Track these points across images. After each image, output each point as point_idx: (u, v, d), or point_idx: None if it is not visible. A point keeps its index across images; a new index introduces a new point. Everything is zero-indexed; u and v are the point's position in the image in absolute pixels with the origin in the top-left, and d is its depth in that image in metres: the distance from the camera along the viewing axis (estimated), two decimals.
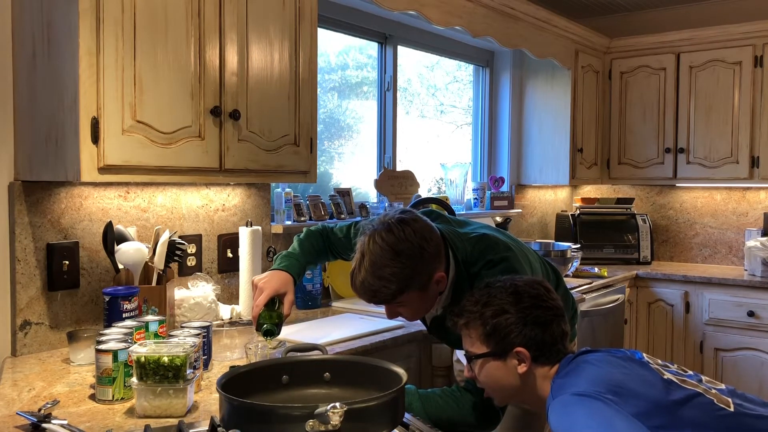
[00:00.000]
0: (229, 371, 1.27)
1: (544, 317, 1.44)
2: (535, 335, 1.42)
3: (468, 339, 1.49)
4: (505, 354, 1.43)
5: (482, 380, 1.49)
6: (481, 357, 1.46)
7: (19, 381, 1.67)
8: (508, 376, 1.45)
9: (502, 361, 1.44)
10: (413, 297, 1.61)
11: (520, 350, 1.42)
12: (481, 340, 1.45)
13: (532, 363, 1.43)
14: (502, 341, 1.43)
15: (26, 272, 1.92)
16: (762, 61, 3.83)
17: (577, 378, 1.34)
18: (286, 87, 2.17)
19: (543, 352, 1.43)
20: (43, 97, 1.79)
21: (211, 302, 2.17)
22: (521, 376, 1.43)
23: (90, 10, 1.65)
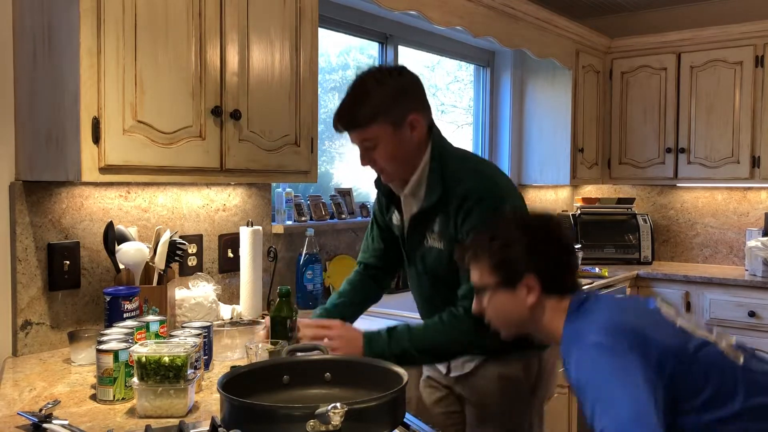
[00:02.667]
0: (229, 371, 1.27)
1: (554, 249, 1.43)
2: (545, 265, 1.41)
3: (476, 271, 1.48)
4: (514, 284, 1.42)
5: (490, 312, 1.47)
6: (490, 288, 1.44)
7: (19, 381, 1.67)
8: (517, 307, 1.43)
9: (511, 292, 1.42)
10: (386, 133, 1.65)
11: (530, 279, 1.40)
12: (490, 270, 1.44)
13: (541, 293, 1.41)
14: (511, 270, 1.42)
15: (27, 272, 1.92)
16: (763, 61, 3.83)
17: (593, 324, 1.32)
18: (287, 87, 2.17)
19: (553, 282, 1.41)
20: (44, 97, 1.79)
21: (212, 302, 2.17)
22: (530, 307, 1.42)
23: (91, 10, 1.65)
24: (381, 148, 1.67)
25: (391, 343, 1.66)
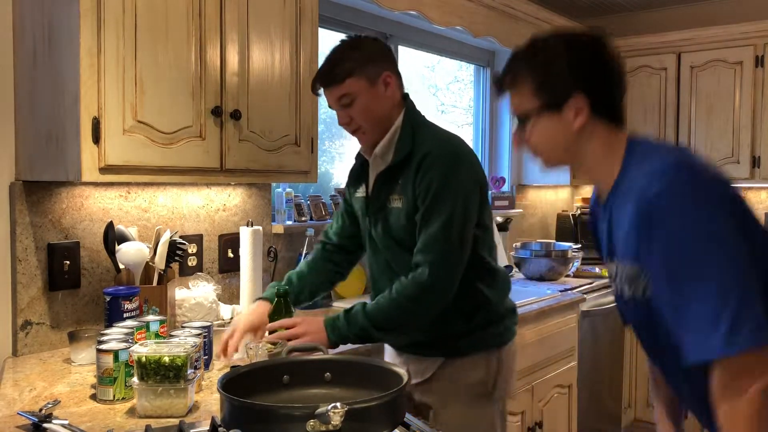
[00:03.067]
0: (229, 371, 1.27)
1: (604, 66, 1.27)
2: (594, 84, 1.25)
3: (517, 97, 1.30)
4: (560, 104, 1.25)
5: (534, 141, 1.30)
6: (533, 114, 1.27)
7: (20, 381, 1.67)
8: (563, 132, 1.27)
9: (557, 114, 1.26)
10: (362, 88, 1.72)
11: (578, 97, 1.24)
12: (532, 92, 1.27)
13: (591, 115, 1.25)
14: (557, 90, 1.25)
15: (27, 272, 1.92)
16: (763, 61, 3.83)
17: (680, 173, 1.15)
18: (287, 87, 2.17)
19: (604, 104, 1.26)
20: (44, 97, 1.79)
21: (212, 302, 2.17)
22: (579, 130, 1.26)
23: (91, 10, 1.65)
24: (357, 103, 1.73)
25: (350, 324, 1.68)
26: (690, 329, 1.07)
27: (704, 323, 1.05)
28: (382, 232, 1.80)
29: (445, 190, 1.69)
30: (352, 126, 1.77)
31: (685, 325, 1.08)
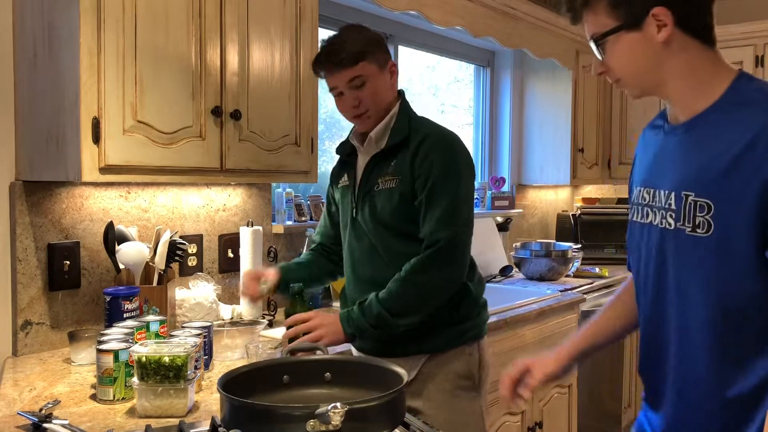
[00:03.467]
0: (229, 371, 1.26)
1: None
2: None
3: (592, 18, 1.21)
4: (640, 20, 1.14)
5: (616, 64, 1.20)
6: (612, 32, 1.17)
7: (20, 381, 1.67)
8: (647, 49, 1.16)
9: (638, 32, 1.15)
10: (373, 72, 1.75)
11: (659, 10, 1.13)
12: (608, 12, 1.17)
13: (675, 27, 1.14)
14: (635, 5, 1.14)
15: (27, 272, 1.92)
16: (763, 61, 3.83)
17: None
18: (287, 87, 2.17)
19: (688, 15, 1.14)
20: (44, 97, 1.79)
21: (212, 302, 2.17)
22: (664, 45, 1.15)
23: (91, 10, 1.65)
24: (369, 86, 1.75)
25: (365, 314, 1.67)
26: None
27: None
28: (369, 215, 1.79)
29: (451, 170, 1.72)
30: (360, 109, 1.78)
31: None
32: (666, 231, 1.17)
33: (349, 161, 1.92)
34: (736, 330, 1.12)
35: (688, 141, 1.17)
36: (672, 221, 1.16)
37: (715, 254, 1.10)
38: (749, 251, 1.07)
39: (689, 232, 1.12)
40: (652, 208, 1.21)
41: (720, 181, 1.08)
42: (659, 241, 1.20)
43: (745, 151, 1.06)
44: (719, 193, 1.08)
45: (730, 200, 1.07)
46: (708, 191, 1.10)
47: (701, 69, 1.16)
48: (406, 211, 1.74)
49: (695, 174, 1.12)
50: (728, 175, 1.07)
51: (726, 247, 1.09)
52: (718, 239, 1.09)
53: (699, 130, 1.16)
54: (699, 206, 1.10)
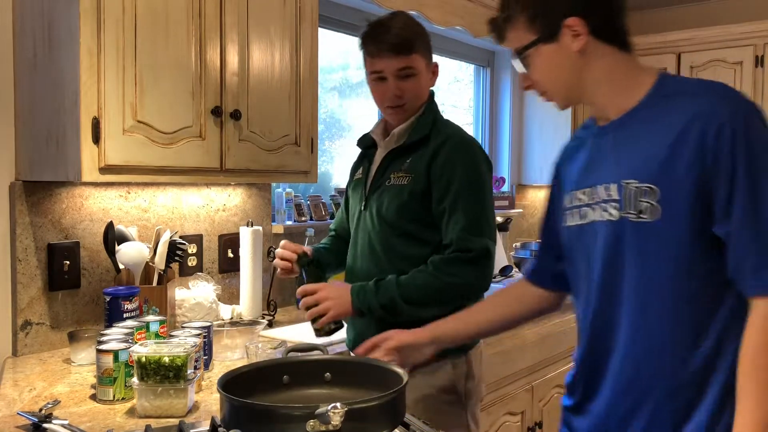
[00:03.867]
0: (229, 371, 1.26)
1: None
2: (588, 3, 1.21)
3: (514, 35, 1.27)
4: (556, 32, 1.21)
5: (539, 76, 1.27)
6: (531, 46, 1.24)
7: (19, 381, 1.67)
8: (565, 58, 1.22)
9: (555, 43, 1.22)
10: (422, 67, 1.75)
11: (572, 21, 1.19)
12: (527, 26, 1.24)
13: (590, 35, 1.20)
14: (550, 18, 1.21)
15: (27, 272, 1.92)
16: (763, 61, 3.83)
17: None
18: (287, 87, 2.17)
19: (602, 23, 1.21)
20: (44, 98, 1.79)
21: (212, 302, 2.17)
22: (580, 53, 1.21)
23: (91, 10, 1.65)
24: (415, 79, 1.75)
25: (379, 293, 1.66)
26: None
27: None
28: (376, 211, 1.77)
29: (477, 177, 1.71)
30: (401, 100, 1.76)
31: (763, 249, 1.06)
32: (610, 223, 1.18)
33: (368, 154, 1.91)
34: (685, 310, 1.15)
35: (623, 136, 1.21)
36: (615, 211, 1.17)
37: (663, 238, 1.13)
38: (695, 231, 1.11)
39: (634, 219, 1.14)
40: (592, 206, 1.22)
41: (662, 166, 1.12)
42: (604, 235, 1.20)
43: (682, 137, 1.11)
44: (662, 177, 1.12)
45: (673, 184, 1.11)
46: (651, 177, 1.13)
47: (621, 73, 1.24)
48: (412, 211, 1.71)
49: (636, 163, 1.16)
50: (669, 160, 1.12)
51: (673, 230, 1.12)
52: (665, 222, 1.12)
53: (632, 124, 1.20)
54: (643, 191, 1.13)
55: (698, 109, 1.11)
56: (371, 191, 1.81)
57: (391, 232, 1.75)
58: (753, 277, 1.08)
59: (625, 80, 1.23)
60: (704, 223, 1.11)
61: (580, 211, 1.25)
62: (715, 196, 1.09)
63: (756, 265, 1.08)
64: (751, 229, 1.08)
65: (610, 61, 1.23)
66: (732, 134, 1.08)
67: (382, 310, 1.66)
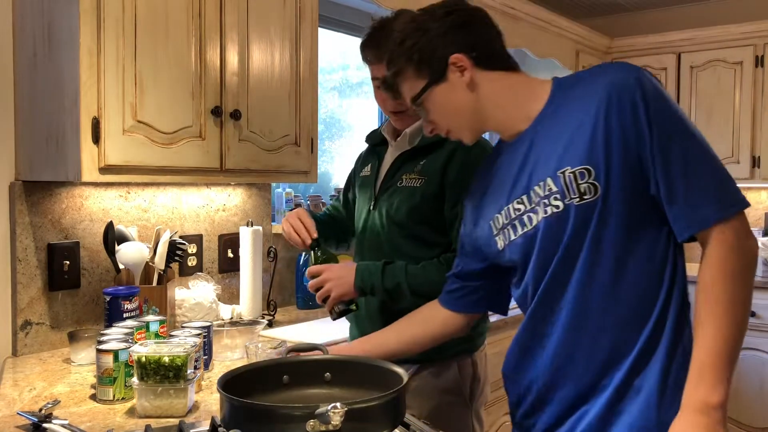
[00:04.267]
0: (229, 371, 1.26)
1: (464, 18, 1.31)
2: (464, 39, 1.29)
3: (407, 85, 1.35)
4: (443, 72, 1.29)
5: (439, 118, 1.34)
6: (424, 90, 1.31)
7: (19, 381, 1.67)
8: (459, 96, 1.30)
9: (445, 83, 1.30)
10: None
11: (455, 58, 1.28)
12: (416, 75, 1.32)
13: (474, 68, 1.28)
14: (433, 61, 1.29)
15: (27, 272, 1.92)
16: (763, 61, 3.83)
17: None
18: (287, 87, 2.17)
19: (481, 52, 1.29)
20: (44, 97, 1.79)
21: (212, 302, 2.17)
22: (471, 87, 1.29)
23: (91, 10, 1.65)
24: None
25: (385, 277, 1.65)
26: (703, 197, 1.13)
27: (715, 190, 1.14)
28: (386, 212, 1.75)
29: None
30: (404, 106, 1.68)
31: (695, 194, 1.13)
32: (556, 215, 1.21)
33: (377, 151, 1.88)
34: (637, 279, 1.20)
35: (540, 136, 1.26)
36: (559, 202, 1.20)
37: (609, 211, 1.17)
38: (636, 197, 1.17)
39: (578, 203, 1.18)
40: (535, 209, 1.24)
41: (588, 146, 1.17)
42: (554, 228, 1.22)
43: (597, 114, 1.18)
44: (592, 156, 1.17)
45: (604, 159, 1.16)
46: (582, 159, 1.18)
47: (516, 90, 1.30)
48: (423, 213, 1.69)
49: (563, 152, 1.20)
50: (593, 139, 1.17)
51: (617, 201, 1.17)
52: (608, 196, 1.17)
53: (545, 124, 1.26)
54: (579, 174, 1.18)
55: (604, 89, 1.18)
56: (381, 191, 1.79)
57: (399, 233, 1.73)
58: (692, 217, 1.14)
59: (523, 95, 1.30)
60: (643, 186, 1.17)
61: (521, 220, 1.27)
62: (643, 158, 1.16)
63: (694, 204, 1.14)
64: (680, 176, 1.14)
65: (501, 84, 1.30)
66: (642, 97, 1.15)
67: (385, 294, 1.65)
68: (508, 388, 1.39)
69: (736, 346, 1.12)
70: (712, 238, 1.13)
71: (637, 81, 1.17)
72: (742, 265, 1.13)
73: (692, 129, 1.17)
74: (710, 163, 1.16)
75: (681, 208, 1.15)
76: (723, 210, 1.13)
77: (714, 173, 1.15)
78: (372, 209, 1.80)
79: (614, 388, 1.20)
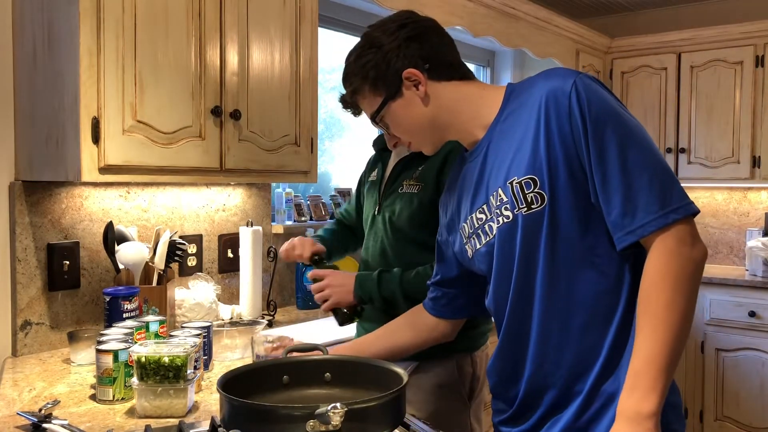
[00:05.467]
0: (229, 371, 1.26)
1: (416, 30, 1.32)
2: (415, 53, 1.29)
3: (365, 104, 1.37)
4: (398, 87, 1.30)
5: (400, 131, 1.36)
6: (381, 108, 1.32)
7: (19, 381, 1.67)
8: (416, 109, 1.31)
9: (401, 98, 1.31)
10: None
11: (408, 73, 1.28)
12: (373, 92, 1.33)
13: (428, 81, 1.29)
14: (387, 77, 1.30)
15: (27, 272, 1.92)
16: (763, 60, 3.83)
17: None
18: (287, 87, 2.17)
19: (434, 65, 1.30)
20: (44, 97, 1.79)
21: (212, 302, 2.17)
22: (427, 100, 1.30)
23: (90, 10, 1.65)
24: None
25: (381, 286, 1.69)
26: (641, 205, 1.11)
27: (655, 196, 1.10)
28: (388, 217, 1.78)
29: None
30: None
31: (632, 202, 1.11)
32: (506, 224, 1.21)
33: (382, 156, 1.91)
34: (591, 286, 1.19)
35: (493, 146, 1.26)
36: (509, 212, 1.21)
37: (556, 220, 1.17)
38: (580, 205, 1.16)
39: (526, 212, 1.18)
40: (492, 219, 1.25)
41: (532, 156, 1.17)
42: (506, 237, 1.22)
43: (538, 124, 1.17)
44: (536, 165, 1.17)
45: (547, 169, 1.16)
46: (527, 169, 1.18)
47: (471, 98, 1.31)
48: (423, 220, 1.71)
49: (511, 163, 1.21)
50: (535, 149, 1.17)
51: (562, 210, 1.17)
52: (553, 204, 1.16)
53: (498, 133, 1.26)
54: (525, 184, 1.18)
55: (542, 96, 1.18)
56: (384, 197, 1.82)
57: (402, 238, 1.76)
58: (629, 227, 1.12)
59: (478, 102, 1.30)
60: (586, 193, 1.16)
61: (483, 229, 1.27)
62: (584, 166, 1.15)
63: (631, 213, 1.11)
64: (616, 182, 1.12)
65: (456, 95, 1.31)
66: (577, 100, 1.14)
67: (382, 302, 1.70)
68: (495, 400, 1.39)
69: (673, 355, 1.08)
70: (653, 245, 1.11)
71: (573, 85, 1.16)
72: (684, 272, 1.09)
73: (632, 127, 1.14)
74: (650, 165, 1.12)
75: (618, 217, 1.12)
76: (663, 218, 1.10)
77: (654, 176, 1.11)
78: (377, 213, 1.83)
79: (585, 395, 1.20)
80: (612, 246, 1.16)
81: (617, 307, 1.19)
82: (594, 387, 1.19)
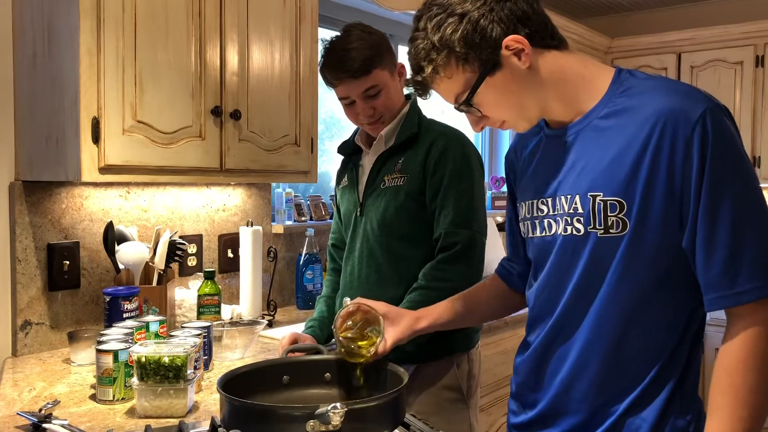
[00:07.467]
0: (229, 371, 1.26)
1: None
2: (513, 13, 1.08)
3: (447, 84, 1.14)
4: (498, 58, 1.09)
5: (495, 112, 1.15)
6: (478, 84, 1.11)
7: (19, 381, 1.67)
8: (517, 82, 1.11)
9: (500, 71, 1.10)
10: (386, 78, 1.73)
11: (509, 40, 1.08)
12: (461, 70, 1.11)
13: (532, 48, 1.10)
14: (485, 47, 1.09)
15: (27, 272, 1.92)
16: (763, 60, 3.83)
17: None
18: (287, 87, 2.17)
19: (535, 29, 1.10)
20: (44, 97, 1.79)
21: None
22: (531, 71, 1.10)
23: (90, 10, 1.65)
24: (383, 94, 1.74)
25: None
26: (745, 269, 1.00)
27: (761, 263, 1.00)
28: (374, 216, 1.76)
29: (465, 171, 1.71)
30: (375, 116, 1.75)
31: (736, 265, 1.00)
32: (575, 237, 1.11)
33: (351, 161, 1.90)
34: (648, 324, 1.10)
35: (581, 142, 1.13)
36: (581, 226, 1.10)
37: (632, 252, 1.07)
38: (665, 244, 1.06)
39: (602, 234, 1.08)
40: (555, 218, 1.15)
41: (628, 179, 1.05)
42: (571, 250, 1.13)
43: (647, 145, 1.04)
44: (630, 191, 1.05)
45: (641, 198, 1.04)
46: (617, 190, 1.06)
47: (571, 79, 1.13)
48: (411, 211, 1.71)
49: (600, 174, 1.08)
50: (635, 171, 1.05)
51: (643, 243, 1.06)
52: (635, 236, 1.06)
53: (591, 129, 1.12)
54: (611, 205, 1.06)
55: (660, 114, 1.04)
56: (366, 197, 1.81)
57: (391, 234, 1.74)
58: (727, 290, 1.02)
59: (577, 83, 1.14)
60: (675, 236, 1.05)
61: (542, 223, 1.18)
62: (684, 208, 1.03)
63: (732, 275, 1.01)
64: (723, 240, 1.01)
65: (557, 67, 1.13)
66: (701, 138, 1.00)
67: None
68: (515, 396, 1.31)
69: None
70: (743, 315, 1.01)
71: (701, 117, 1.01)
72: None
73: (751, 185, 1.02)
74: (762, 229, 1.01)
75: (716, 277, 1.01)
76: (764, 288, 0.99)
77: (764, 241, 1.00)
78: (359, 215, 1.81)
79: (607, 428, 1.12)
80: (683, 294, 1.09)
81: (670, 343, 1.10)
82: (618, 420, 1.12)
